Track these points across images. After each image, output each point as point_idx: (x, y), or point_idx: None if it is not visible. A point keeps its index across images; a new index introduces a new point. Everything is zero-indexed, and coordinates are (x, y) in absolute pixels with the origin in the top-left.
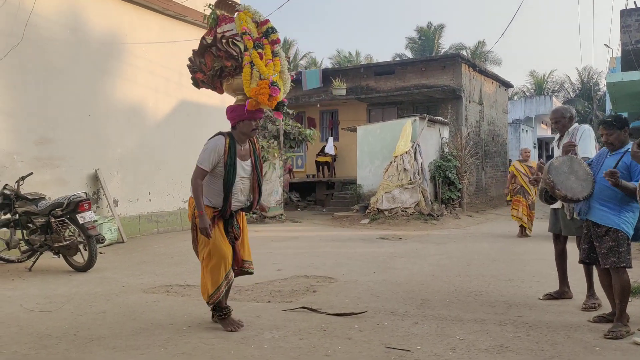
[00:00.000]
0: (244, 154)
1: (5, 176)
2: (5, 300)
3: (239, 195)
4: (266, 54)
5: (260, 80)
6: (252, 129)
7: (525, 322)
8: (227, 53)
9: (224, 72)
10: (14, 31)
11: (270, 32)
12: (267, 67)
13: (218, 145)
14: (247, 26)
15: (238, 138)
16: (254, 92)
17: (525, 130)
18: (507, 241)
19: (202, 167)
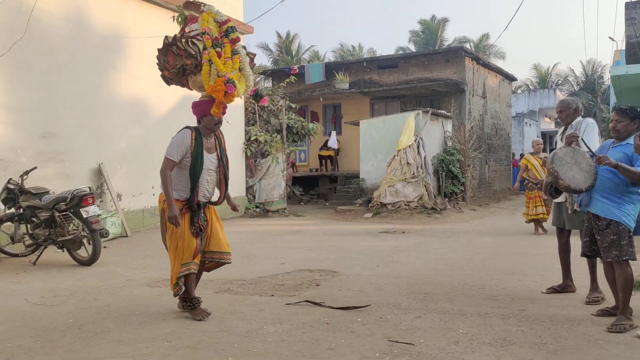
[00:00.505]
0: (209, 147)
1: (10, 170)
2: (9, 294)
3: (206, 186)
4: (225, 52)
5: (217, 78)
6: (215, 123)
7: (528, 316)
8: (186, 52)
9: (186, 70)
10: (17, 26)
11: (230, 31)
12: (226, 64)
13: (185, 138)
14: (208, 26)
15: (203, 132)
16: (211, 89)
17: (529, 123)
18: (510, 235)
19: (171, 158)
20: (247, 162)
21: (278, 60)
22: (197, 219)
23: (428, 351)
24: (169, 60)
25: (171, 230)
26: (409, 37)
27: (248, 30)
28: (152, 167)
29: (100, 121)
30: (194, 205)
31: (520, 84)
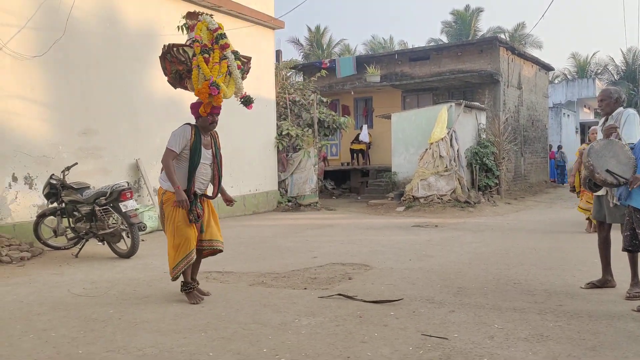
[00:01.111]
0: (206, 144)
1: (52, 166)
2: (53, 285)
3: (202, 177)
4: (214, 57)
5: (204, 81)
6: (209, 123)
7: (566, 311)
8: (177, 59)
9: (181, 74)
10: (56, 25)
11: (219, 38)
12: (213, 69)
13: (185, 131)
14: (200, 34)
15: (201, 129)
16: (197, 92)
17: (567, 114)
18: (547, 229)
19: (172, 148)
20: (279, 156)
21: (309, 54)
22: (194, 207)
23: (462, 346)
24: (166, 67)
25: (171, 220)
26: (441, 29)
27: (279, 25)
28: None
29: (136, 118)
30: (190, 195)
31: (558, 73)
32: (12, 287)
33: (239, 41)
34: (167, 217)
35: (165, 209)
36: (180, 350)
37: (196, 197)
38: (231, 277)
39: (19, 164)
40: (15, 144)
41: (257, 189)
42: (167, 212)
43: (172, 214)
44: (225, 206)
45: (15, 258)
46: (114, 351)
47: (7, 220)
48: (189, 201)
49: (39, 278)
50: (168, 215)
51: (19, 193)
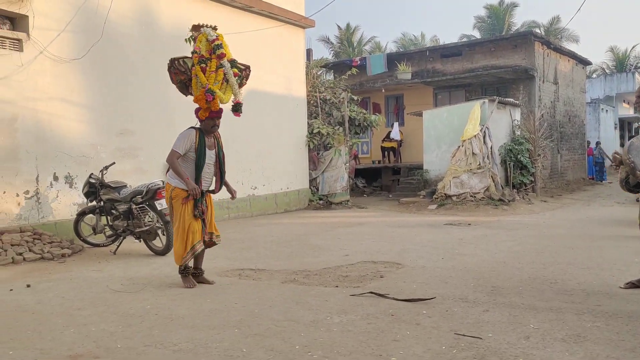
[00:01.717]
0: (210, 145)
1: (91, 166)
2: (93, 281)
3: (206, 176)
4: (211, 66)
5: (201, 89)
6: (211, 126)
7: (604, 312)
8: (179, 70)
9: (185, 83)
10: (94, 29)
11: (216, 49)
12: (209, 77)
13: (190, 135)
14: (199, 45)
15: (204, 132)
16: (195, 99)
17: (605, 110)
18: (585, 227)
19: (177, 150)
20: (310, 154)
21: (339, 52)
22: (200, 204)
23: (496, 346)
24: (172, 77)
25: (179, 214)
26: (473, 24)
27: (309, 24)
28: None
29: (171, 118)
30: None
31: (596, 68)
32: (54, 283)
33: (269, 41)
34: (176, 212)
35: (174, 204)
36: (215, 346)
37: (202, 194)
38: (264, 274)
39: (60, 164)
40: (56, 145)
41: (289, 187)
42: (176, 207)
43: (180, 209)
44: (258, 205)
45: (57, 255)
46: (151, 346)
47: (49, 218)
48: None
49: (79, 274)
50: (176, 210)
51: (60, 192)
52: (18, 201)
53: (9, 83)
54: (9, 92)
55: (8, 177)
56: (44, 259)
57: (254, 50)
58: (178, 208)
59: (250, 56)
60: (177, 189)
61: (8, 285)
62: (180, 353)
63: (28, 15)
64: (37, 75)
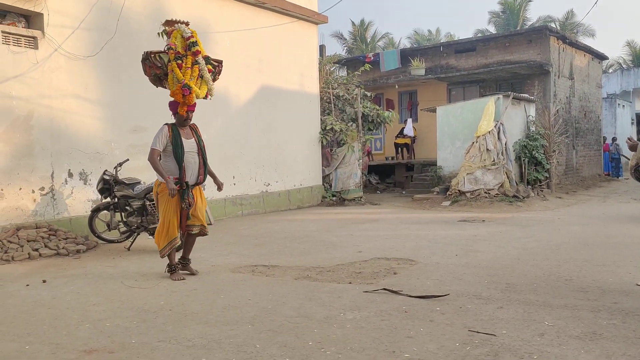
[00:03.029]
0: (186, 134)
1: (105, 162)
2: (107, 277)
3: (192, 166)
4: (186, 63)
5: (177, 84)
6: (183, 119)
7: (621, 309)
8: (154, 64)
9: (159, 77)
10: (107, 26)
11: (191, 46)
12: (185, 73)
13: (163, 130)
14: (175, 42)
15: (178, 124)
16: (172, 94)
17: (621, 105)
18: (601, 224)
19: (154, 147)
20: (323, 151)
21: (352, 48)
22: (186, 196)
23: (510, 343)
24: (146, 70)
25: (163, 208)
26: (488, 19)
27: (322, 20)
28: (232, 157)
29: None
30: (183, 183)
31: (612, 62)
32: (69, 278)
33: (282, 37)
34: (161, 206)
35: (159, 199)
36: (228, 341)
37: (188, 186)
38: (277, 270)
39: (74, 161)
40: (71, 141)
41: (302, 184)
42: (161, 202)
43: (165, 203)
44: (271, 201)
45: (72, 251)
46: (165, 341)
47: (64, 214)
48: (181, 189)
49: (93, 270)
50: (161, 204)
51: (75, 188)
52: (34, 197)
53: (25, 80)
54: (25, 90)
55: (24, 174)
56: (60, 254)
57: (267, 47)
58: (163, 203)
59: (263, 53)
60: (163, 184)
61: (24, 280)
62: (193, 348)
63: (43, 13)
64: (52, 72)
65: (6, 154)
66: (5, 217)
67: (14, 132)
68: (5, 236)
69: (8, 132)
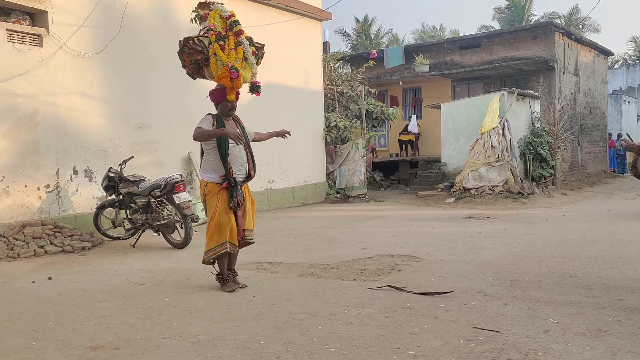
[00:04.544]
0: (230, 126)
1: (109, 160)
2: (113, 274)
3: (237, 160)
4: (229, 44)
5: (222, 67)
6: (228, 109)
7: (626, 306)
8: (194, 49)
9: (199, 64)
10: (112, 24)
11: (233, 25)
12: (229, 55)
13: (207, 118)
14: (214, 22)
15: (222, 115)
16: (218, 78)
17: (627, 101)
18: (606, 221)
19: (201, 126)
20: (327, 148)
21: (357, 45)
22: (235, 194)
23: (515, 339)
24: (185, 58)
25: (212, 210)
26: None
27: (326, 16)
28: None
29: (188, 112)
30: (231, 180)
31: (618, 58)
32: (75, 275)
33: (286, 34)
34: (209, 208)
35: (207, 201)
36: (233, 338)
37: (236, 183)
38: (281, 267)
39: (80, 158)
40: (76, 139)
41: (306, 181)
42: (209, 203)
43: (214, 205)
44: (275, 198)
45: (77, 248)
46: (170, 338)
47: (69, 211)
48: (229, 187)
49: (99, 267)
50: (210, 206)
51: (80, 186)
52: (39, 195)
53: (30, 78)
54: (30, 87)
55: (29, 171)
56: (65, 251)
57: (271, 43)
58: (212, 204)
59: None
60: (210, 185)
61: (30, 277)
62: (198, 345)
63: (47, 10)
64: (57, 70)
65: (12, 151)
66: (11, 214)
67: (19, 129)
68: (11, 233)
69: (13, 129)
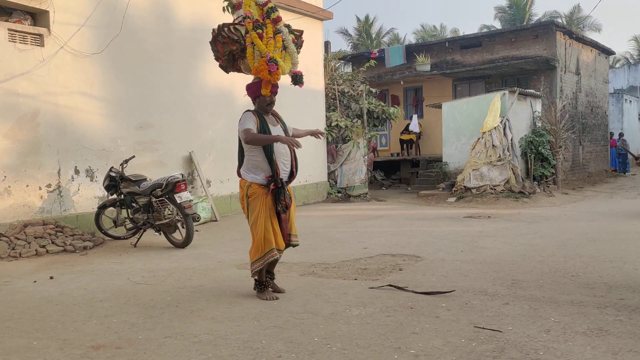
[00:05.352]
0: (271, 121)
1: (111, 159)
2: (114, 273)
3: (283, 158)
4: (267, 32)
5: (260, 58)
6: (267, 103)
7: (627, 305)
8: (229, 38)
9: (234, 55)
10: (113, 23)
11: (270, 12)
12: (268, 44)
13: (250, 117)
14: (250, 10)
15: (261, 111)
16: (255, 70)
17: (629, 100)
18: (607, 220)
19: (247, 127)
20: (329, 147)
21: (358, 44)
22: (283, 197)
23: (516, 339)
24: (218, 49)
25: (256, 215)
26: (494, 14)
27: (327, 16)
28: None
29: (189, 111)
30: (278, 181)
31: (619, 57)
32: (76, 275)
33: None
34: (252, 213)
35: (250, 203)
36: (234, 337)
37: (283, 184)
38: (282, 267)
39: (81, 158)
40: (77, 138)
41: (307, 180)
42: (252, 206)
43: (258, 209)
44: None
45: (79, 247)
46: (171, 337)
47: (71, 211)
48: (276, 188)
49: (100, 266)
50: (253, 210)
51: (81, 185)
52: (41, 194)
53: (31, 78)
54: (31, 87)
55: (31, 171)
56: (66, 251)
57: None
58: (255, 207)
59: None
60: (254, 186)
61: (32, 276)
62: (200, 344)
63: (48, 10)
64: (58, 69)
65: (13, 151)
66: (12, 213)
67: (20, 129)
68: (13, 233)
69: (15, 129)
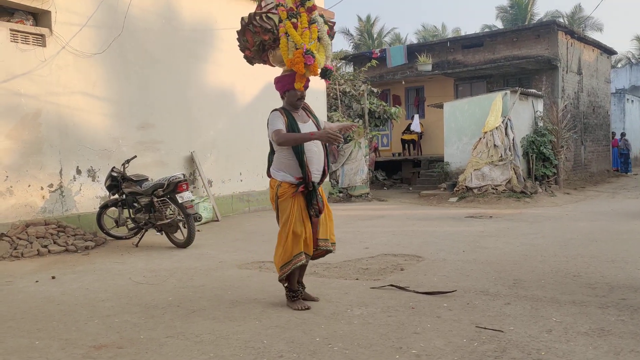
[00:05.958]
0: (301, 117)
1: (113, 159)
2: (116, 273)
3: (316, 157)
4: (302, 22)
5: (295, 50)
6: (297, 98)
7: (629, 305)
8: (262, 28)
9: (265, 45)
10: (115, 23)
11: (305, 0)
12: (303, 35)
13: (278, 116)
14: None
15: (289, 108)
16: (290, 63)
17: (631, 100)
18: (609, 220)
19: (277, 128)
20: (330, 147)
21: (359, 44)
22: (315, 200)
23: (518, 339)
24: (248, 39)
25: (286, 216)
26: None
27: (329, 15)
28: (239, 153)
29: (191, 111)
30: (309, 183)
31: (621, 57)
32: (78, 274)
33: None
34: (282, 213)
35: (280, 204)
36: (236, 337)
37: (315, 187)
38: None
39: (83, 158)
40: (79, 139)
41: None
42: (282, 207)
43: (288, 210)
44: None
45: (80, 247)
46: (173, 337)
47: (72, 211)
48: (308, 191)
49: (102, 266)
50: (283, 210)
51: (83, 185)
52: (42, 194)
53: (33, 78)
54: (33, 87)
55: (33, 171)
56: (68, 251)
57: None
58: (286, 208)
59: None
60: (284, 185)
61: (34, 276)
62: (201, 344)
63: (50, 10)
64: (60, 69)
65: (15, 151)
66: (14, 213)
67: (22, 129)
68: (15, 233)
69: (17, 129)
